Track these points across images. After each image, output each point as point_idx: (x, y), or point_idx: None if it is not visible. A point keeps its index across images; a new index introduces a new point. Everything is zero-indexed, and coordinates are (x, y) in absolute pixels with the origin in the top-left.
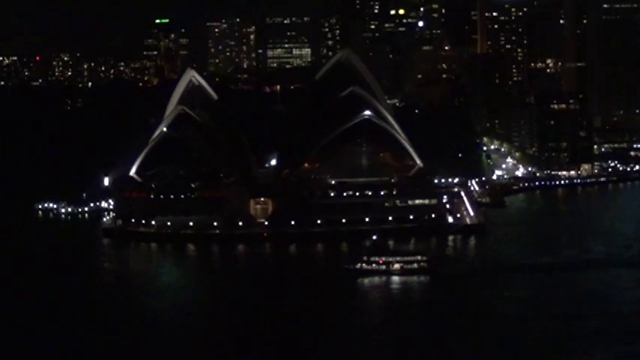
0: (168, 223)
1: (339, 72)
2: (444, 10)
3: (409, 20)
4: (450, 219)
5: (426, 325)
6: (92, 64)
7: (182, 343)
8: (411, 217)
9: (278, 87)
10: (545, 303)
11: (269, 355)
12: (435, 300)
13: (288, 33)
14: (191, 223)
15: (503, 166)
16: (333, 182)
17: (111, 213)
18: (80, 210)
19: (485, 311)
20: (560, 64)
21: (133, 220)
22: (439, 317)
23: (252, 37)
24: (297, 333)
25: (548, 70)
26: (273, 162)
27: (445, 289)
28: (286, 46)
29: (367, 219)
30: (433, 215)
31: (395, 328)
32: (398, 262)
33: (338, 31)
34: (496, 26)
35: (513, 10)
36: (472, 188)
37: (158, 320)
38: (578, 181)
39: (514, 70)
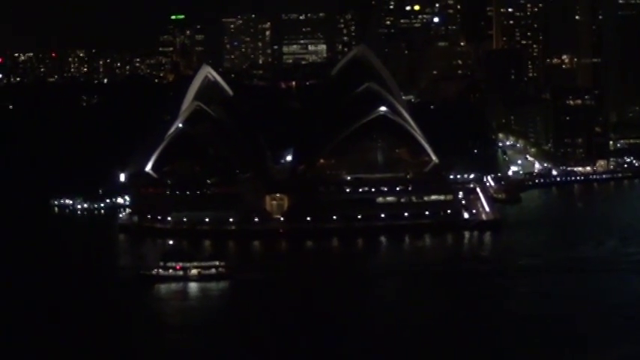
0: (184, 219)
1: (355, 68)
2: (459, 6)
3: (424, 16)
4: (466, 215)
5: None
6: (108, 61)
7: (193, 342)
8: (427, 213)
9: (293, 83)
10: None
11: None
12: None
13: (304, 29)
14: (207, 219)
15: (519, 161)
16: (348, 178)
17: (127, 209)
18: (96, 206)
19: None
20: (575, 59)
21: (148, 216)
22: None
23: (267, 33)
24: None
25: (563, 66)
26: (289, 158)
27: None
28: (302, 42)
29: (383, 215)
30: (449, 211)
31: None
32: (196, 267)
33: (353, 27)
34: (511, 22)
35: (529, 5)
36: (488, 184)
37: (172, 319)
38: (594, 176)
39: (530, 66)
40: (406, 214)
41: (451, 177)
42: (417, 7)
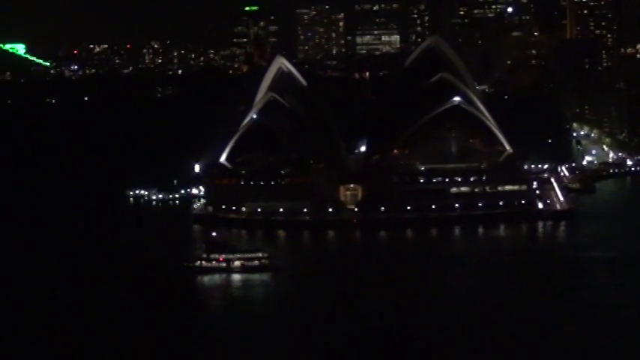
0: (259, 210)
1: (428, 58)
2: None
3: (498, 6)
4: (540, 205)
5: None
6: (182, 52)
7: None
8: (501, 203)
9: (367, 73)
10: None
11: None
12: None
13: (377, 20)
14: (281, 210)
15: (593, 151)
16: (422, 168)
17: (201, 199)
18: (171, 197)
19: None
20: None
21: (223, 207)
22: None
23: (341, 23)
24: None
25: (638, 56)
26: (363, 148)
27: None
28: (375, 32)
29: (456, 205)
30: (523, 201)
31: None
32: (238, 259)
33: (427, 18)
34: (585, 11)
35: None
36: (562, 174)
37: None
38: None
39: (604, 56)
40: (480, 204)
41: (525, 167)
42: None
